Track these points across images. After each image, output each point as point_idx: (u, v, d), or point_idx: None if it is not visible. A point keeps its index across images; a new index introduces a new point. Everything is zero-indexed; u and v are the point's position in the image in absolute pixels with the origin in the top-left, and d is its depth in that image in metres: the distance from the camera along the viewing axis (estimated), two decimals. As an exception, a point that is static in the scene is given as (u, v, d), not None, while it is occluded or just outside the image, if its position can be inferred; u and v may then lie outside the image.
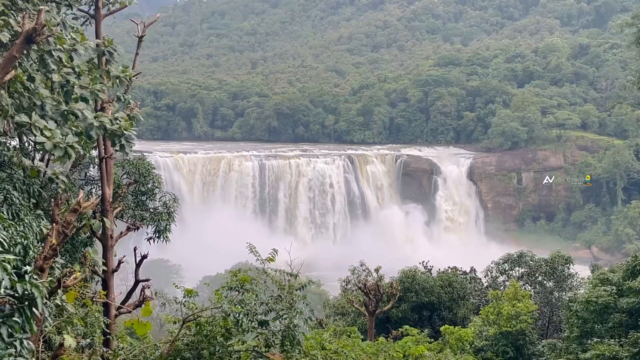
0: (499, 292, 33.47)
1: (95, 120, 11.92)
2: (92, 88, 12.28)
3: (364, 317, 33.18)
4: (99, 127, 11.93)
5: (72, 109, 11.73)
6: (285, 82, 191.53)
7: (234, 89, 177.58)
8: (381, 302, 31.49)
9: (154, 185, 21.63)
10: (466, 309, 37.65)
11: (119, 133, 12.12)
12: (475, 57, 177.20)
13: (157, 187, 21.65)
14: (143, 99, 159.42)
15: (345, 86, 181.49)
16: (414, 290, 36.66)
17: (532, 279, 38.37)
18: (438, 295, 36.84)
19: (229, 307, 13.27)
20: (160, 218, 20.92)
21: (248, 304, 13.38)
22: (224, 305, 13.35)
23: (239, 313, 13.15)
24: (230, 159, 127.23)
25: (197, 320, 13.62)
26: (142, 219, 20.51)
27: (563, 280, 37.52)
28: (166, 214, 21.17)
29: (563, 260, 37.86)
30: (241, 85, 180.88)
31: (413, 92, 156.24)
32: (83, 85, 12.20)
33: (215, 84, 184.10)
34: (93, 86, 12.32)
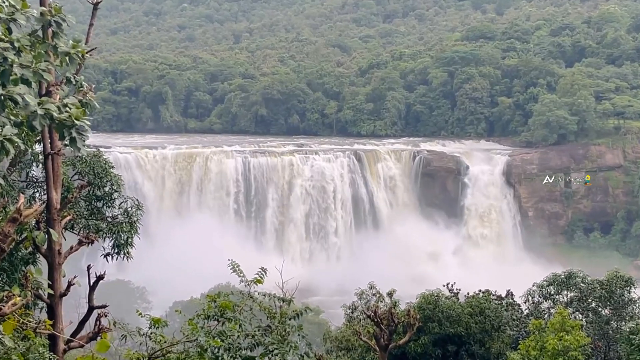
0: (543, 321, 33.44)
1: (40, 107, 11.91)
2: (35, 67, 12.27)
3: (374, 352, 33.13)
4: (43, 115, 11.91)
5: (11, 93, 11.71)
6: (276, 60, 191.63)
7: (212, 69, 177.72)
8: (395, 334, 31.44)
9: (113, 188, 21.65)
10: (502, 342, 37.59)
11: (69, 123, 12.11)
12: (512, 29, 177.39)
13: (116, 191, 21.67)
14: (99, 81, 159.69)
15: (351, 65, 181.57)
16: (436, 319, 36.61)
17: (583, 305, 38.33)
18: (467, 326, 36.78)
19: (206, 341, 13.25)
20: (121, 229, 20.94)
21: (230, 337, 13.37)
22: (200, 338, 13.33)
23: (218, 348, 13.13)
24: (208, 156, 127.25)
25: (167, 356, 13.61)
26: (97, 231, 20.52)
27: (622, 307, 37.47)
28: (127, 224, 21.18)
29: (622, 282, 37.81)
30: (221, 64, 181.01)
31: (435, 72, 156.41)
32: (24, 63, 12.18)
33: (189, 62, 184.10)
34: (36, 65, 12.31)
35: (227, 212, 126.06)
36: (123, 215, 21.48)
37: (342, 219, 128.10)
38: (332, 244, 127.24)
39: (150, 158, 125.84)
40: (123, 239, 20.97)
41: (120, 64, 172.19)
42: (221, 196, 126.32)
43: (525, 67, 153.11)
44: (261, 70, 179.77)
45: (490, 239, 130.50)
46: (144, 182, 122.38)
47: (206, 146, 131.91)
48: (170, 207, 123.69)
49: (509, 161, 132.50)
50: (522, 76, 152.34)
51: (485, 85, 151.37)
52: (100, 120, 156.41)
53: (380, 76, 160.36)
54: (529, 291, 40.21)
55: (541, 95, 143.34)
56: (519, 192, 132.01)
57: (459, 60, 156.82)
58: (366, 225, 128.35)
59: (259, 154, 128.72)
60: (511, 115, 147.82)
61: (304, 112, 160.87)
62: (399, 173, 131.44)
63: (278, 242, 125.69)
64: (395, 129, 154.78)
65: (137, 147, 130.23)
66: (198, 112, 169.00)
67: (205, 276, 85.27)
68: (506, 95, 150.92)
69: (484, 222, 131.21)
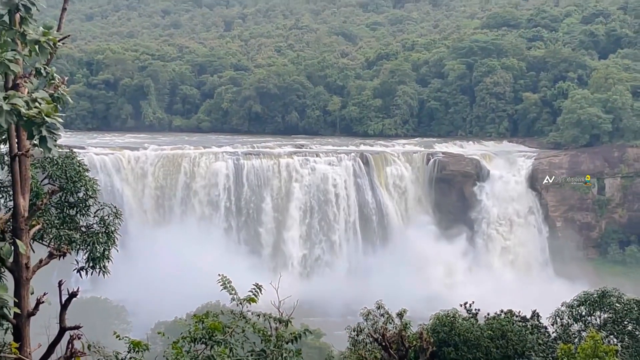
0: (573, 346, 33.40)
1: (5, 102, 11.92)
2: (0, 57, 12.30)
3: (382, 380, 33.12)
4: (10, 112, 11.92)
5: (-27, 86, 11.75)
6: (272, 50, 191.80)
7: (200, 60, 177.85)
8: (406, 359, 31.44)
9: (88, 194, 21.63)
10: (526, 369, 37.58)
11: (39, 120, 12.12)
12: (539, 15, 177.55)
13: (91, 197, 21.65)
14: (72, 73, 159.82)
15: (357, 56, 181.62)
16: (452, 343, 36.58)
17: (619, 328, 38.27)
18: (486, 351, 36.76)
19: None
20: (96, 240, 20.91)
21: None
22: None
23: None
24: (195, 158, 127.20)
25: (148, 384, 13.59)
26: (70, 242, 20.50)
27: (663, 330, 37.44)
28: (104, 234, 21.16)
29: (663, 302, 37.80)
30: (210, 54, 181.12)
31: (452, 64, 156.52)
32: (-12, 53, 12.22)
33: (174, 52, 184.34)
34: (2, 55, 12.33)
35: (217, 222, 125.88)
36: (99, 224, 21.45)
37: (346, 230, 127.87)
38: (335, 258, 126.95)
39: (130, 160, 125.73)
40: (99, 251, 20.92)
41: (96, 53, 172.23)
42: (210, 203, 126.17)
43: (554, 58, 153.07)
44: (255, 62, 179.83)
45: (513, 252, 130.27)
46: (123, 188, 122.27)
47: (193, 147, 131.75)
48: (152, 216, 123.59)
49: (534, 165, 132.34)
50: (549, 69, 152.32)
51: (508, 79, 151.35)
52: (73, 117, 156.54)
53: (390, 68, 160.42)
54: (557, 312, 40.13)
55: (571, 90, 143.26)
56: (545, 200, 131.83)
57: (479, 50, 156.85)
58: (373, 237, 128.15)
59: (253, 156, 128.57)
60: (537, 113, 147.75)
61: (304, 109, 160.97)
62: (410, 178, 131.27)
63: (274, 256, 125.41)
64: (406, 128, 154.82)
65: (116, 147, 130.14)
66: (184, 109, 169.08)
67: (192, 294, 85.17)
68: (532, 91, 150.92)
69: (506, 234, 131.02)
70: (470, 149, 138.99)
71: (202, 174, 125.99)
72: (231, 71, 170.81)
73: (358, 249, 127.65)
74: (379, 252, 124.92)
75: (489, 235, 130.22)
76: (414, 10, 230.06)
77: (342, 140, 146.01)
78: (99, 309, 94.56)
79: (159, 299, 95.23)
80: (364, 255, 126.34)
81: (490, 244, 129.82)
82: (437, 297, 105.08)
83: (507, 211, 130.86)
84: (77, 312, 17.31)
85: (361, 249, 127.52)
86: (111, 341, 17.92)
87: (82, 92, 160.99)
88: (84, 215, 21.74)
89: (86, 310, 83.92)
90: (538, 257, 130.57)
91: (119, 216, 21.91)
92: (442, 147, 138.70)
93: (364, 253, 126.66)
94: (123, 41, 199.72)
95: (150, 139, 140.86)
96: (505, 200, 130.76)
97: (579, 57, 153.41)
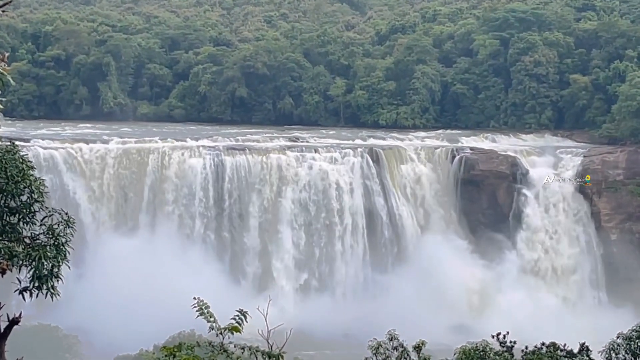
0: (630, 387, 33.47)
1: None
2: None
3: None
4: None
5: None
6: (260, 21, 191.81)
7: (172, 32, 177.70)
8: (425, 404, 31.53)
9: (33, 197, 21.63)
10: (572, 416, 37.72)
11: (-27, 106, 12.17)
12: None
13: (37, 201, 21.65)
14: (15, 48, 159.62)
15: (366, 28, 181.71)
16: (482, 382, 36.70)
17: (687, 365, 38.36)
18: (524, 393, 36.89)
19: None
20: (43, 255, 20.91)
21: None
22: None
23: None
24: (166, 153, 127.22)
25: None
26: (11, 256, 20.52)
27: None
28: (53, 247, 21.16)
29: None
30: (185, 25, 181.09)
31: (483, 39, 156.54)
32: None
33: (140, 23, 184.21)
34: None
35: (192, 232, 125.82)
36: (47, 234, 21.45)
37: (351, 244, 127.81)
38: (337, 278, 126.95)
39: (86, 156, 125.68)
40: (46, 268, 20.90)
41: (44, 24, 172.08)
42: (184, 210, 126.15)
43: (609, 32, 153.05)
44: (240, 35, 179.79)
45: (556, 272, 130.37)
46: (77, 189, 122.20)
47: (163, 139, 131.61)
48: (112, 224, 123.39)
49: (584, 163, 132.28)
50: (603, 45, 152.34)
51: (552, 58, 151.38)
52: (15, 103, 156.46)
53: (406, 44, 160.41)
54: (612, 345, 40.08)
55: (630, 72, 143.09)
56: (597, 207, 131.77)
57: (516, 22, 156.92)
58: (384, 252, 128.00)
59: (237, 152, 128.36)
60: (588, 99, 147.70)
61: (300, 94, 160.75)
62: (430, 179, 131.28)
63: (262, 275, 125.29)
64: (426, 118, 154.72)
65: (67, 140, 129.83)
66: (152, 93, 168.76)
67: (161, 321, 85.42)
68: (581, 72, 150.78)
69: (549, 249, 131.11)
70: (505, 144, 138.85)
71: (174, 173, 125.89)
72: (210, 47, 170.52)
73: (365, 267, 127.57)
74: (391, 270, 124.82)
75: (528, 251, 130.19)
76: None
77: (346, 133, 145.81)
78: (46, 339, 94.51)
79: (121, 327, 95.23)
80: (373, 274, 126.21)
81: (529, 262, 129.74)
82: (463, 326, 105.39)
83: (549, 221, 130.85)
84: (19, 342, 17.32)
85: (369, 266, 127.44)
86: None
87: (27, 71, 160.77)
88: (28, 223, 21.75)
89: (31, 339, 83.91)
90: (587, 278, 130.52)
91: (71, 225, 21.90)
92: (470, 141, 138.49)
93: (373, 272, 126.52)
94: (77, 9, 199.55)
95: (111, 130, 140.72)
96: (548, 207, 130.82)
97: (639, 31, 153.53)
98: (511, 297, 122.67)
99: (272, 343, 15.05)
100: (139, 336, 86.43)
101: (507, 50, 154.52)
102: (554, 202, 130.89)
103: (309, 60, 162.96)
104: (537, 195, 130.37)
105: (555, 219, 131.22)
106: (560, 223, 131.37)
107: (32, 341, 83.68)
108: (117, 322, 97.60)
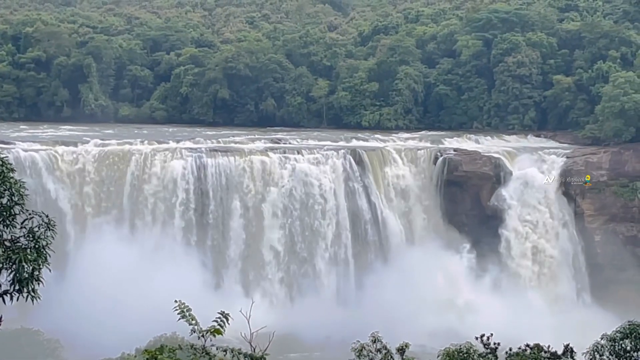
0: (615, 388, 33.48)
1: None
2: None
3: None
4: None
5: None
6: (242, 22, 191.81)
7: (153, 34, 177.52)
8: (409, 406, 31.46)
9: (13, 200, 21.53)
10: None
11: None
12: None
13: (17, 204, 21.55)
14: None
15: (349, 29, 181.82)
16: (466, 384, 36.67)
17: (671, 366, 38.43)
18: (508, 394, 36.88)
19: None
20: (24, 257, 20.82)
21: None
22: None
23: None
24: (147, 155, 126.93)
25: None
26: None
27: None
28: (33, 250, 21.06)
29: None
30: (166, 26, 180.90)
31: (466, 40, 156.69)
32: None
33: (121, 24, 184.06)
34: None
35: (174, 235, 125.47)
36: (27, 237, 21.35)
37: (334, 246, 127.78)
38: (321, 280, 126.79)
39: (66, 158, 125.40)
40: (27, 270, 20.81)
41: (24, 25, 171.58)
42: (165, 212, 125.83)
43: (591, 33, 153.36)
44: (222, 36, 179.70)
45: (541, 273, 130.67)
46: (58, 192, 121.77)
47: (145, 142, 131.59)
48: (93, 227, 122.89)
49: (567, 164, 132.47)
50: (586, 46, 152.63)
51: (535, 59, 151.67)
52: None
53: (389, 45, 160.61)
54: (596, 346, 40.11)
55: (613, 72, 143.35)
56: (581, 208, 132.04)
57: (499, 23, 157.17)
58: (368, 255, 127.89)
59: (219, 153, 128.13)
60: (571, 100, 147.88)
61: (282, 95, 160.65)
62: (414, 181, 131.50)
63: (244, 277, 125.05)
64: (409, 119, 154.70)
65: (48, 142, 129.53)
66: (133, 94, 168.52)
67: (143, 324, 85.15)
68: (564, 73, 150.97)
69: (532, 250, 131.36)
70: (488, 145, 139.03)
71: (156, 175, 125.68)
72: (192, 48, 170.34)
73: (349, 270, 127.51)
74: (374, 273, 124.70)
75: (511, 252, 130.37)
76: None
77: (329, 134, 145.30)
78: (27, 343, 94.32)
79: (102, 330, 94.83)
80: (356, 277, 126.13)
81: (513, 263, 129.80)
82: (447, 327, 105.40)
83: (533, 222, 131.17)
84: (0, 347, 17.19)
85: (353, 269, 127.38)
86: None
87: (7, 73, 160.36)
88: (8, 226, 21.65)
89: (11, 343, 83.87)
90: (572, 279, 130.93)
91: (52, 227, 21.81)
92: (453, 142, 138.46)
93: (357, 274, 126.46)
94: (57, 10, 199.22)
95: (92, 132, 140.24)
96: (532, 208, 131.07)
97: (622, 32, 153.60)
98: (495, 299, 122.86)
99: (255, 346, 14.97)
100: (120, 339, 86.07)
101: (490, 51, 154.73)
102: (538, 204, 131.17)
103: (291, 62, 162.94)
104: (520, 197, 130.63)
105: (539, 220, 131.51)
106: (543, 224, 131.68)
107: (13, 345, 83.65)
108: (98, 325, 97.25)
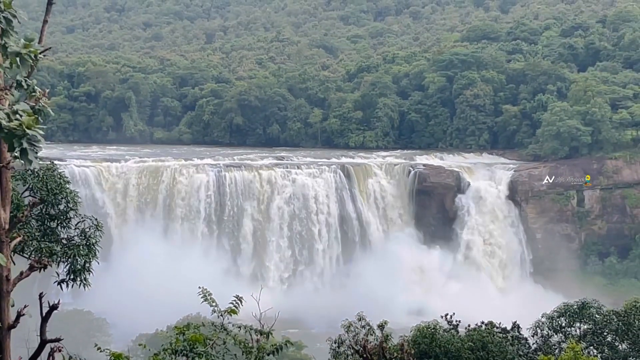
0: (553, 357, 33.48)
1: (-14, 114, 11.89)
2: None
3: (363, 392, 33.04)
4: (-9, 124, 11.89)
5: (-46, 98, 11.70)
6: (253, 63, 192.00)
7: (181, 72, 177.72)
8: (387, 372, 31.36)
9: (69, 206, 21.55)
10: (507, 380, 37.64)
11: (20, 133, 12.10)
12: (518, 28, 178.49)
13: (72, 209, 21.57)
14: (54, 85, 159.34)
15: (338, 68, 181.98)
16: (433, 354, 36.61)
17: (598, 339, 38.42)
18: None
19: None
20: (77, 253, 20.82)
21: (200, 374, 13.33)
22: (167, 376, 13.30)
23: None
24: (176, 170, 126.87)
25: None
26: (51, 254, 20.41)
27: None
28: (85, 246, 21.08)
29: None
30: (191, 66, 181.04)
31: (432, 77, 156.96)
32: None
33: (155, 64, 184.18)
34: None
35: (198, 234, 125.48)
36: (80, 236, 21.36)
37: (327, 242, 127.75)
38: (317, 269, 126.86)
39: (112, 172, 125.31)
40: (80, 263, 20.82)
41: (77, 65, 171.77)
42: (191, 215, 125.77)
43: (533, 71, 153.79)
44: (237, 74, 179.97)
45: (493, 264, 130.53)
46: (104, 200, 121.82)
47: (174, 159, 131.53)
48: (133, 228, 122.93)
49: (514, 177, 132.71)
50: (529, 81, 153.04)
51: (488, 92, 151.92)
52: (54, 130, 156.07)
53: (371, 81, 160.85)
54: (537, 323, 40.23)
55: (551, 102, 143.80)
56: (525, 212, 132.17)
57: (459, 63, 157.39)
58: (355, 249, 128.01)
59: (234, 168, 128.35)
60: (517, 125, 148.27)
61: (285, 121, 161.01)
62: (391, 190, 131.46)
63: (255, 268, 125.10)
64: (387, 140, 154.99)
65: (97, 159, 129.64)
66: (165, 121, 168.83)
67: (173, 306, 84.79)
68: (511, 103, 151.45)
69: (487, 246, 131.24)
70: (451, 161, 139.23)
71: (184, 185, 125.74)
72: (212, 83, 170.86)
73: (339, 261, 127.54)
74: (360, 264, 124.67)
75: (469, 247, 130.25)
76: (394, 23, 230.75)
77: (323, 153, 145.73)
78: (80, 321, 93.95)
79: (140, 311, 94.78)
80: (345, 267, 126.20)
81: (471, 256, 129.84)
82: (418, 308, 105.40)
83: (487, 223, 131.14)
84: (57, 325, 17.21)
85: (342, 260, 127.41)
86: (92, 353, 17.82)
87: (63, 104, 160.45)
88: (65, 227, 21.66)
89: (67, 322, 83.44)
90: (518, 269, 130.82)
91: (100, 228, 21.84)
92: (422, 159, 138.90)
93: (345, 265, 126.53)
94: (104, 53, 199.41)
95: (132, 151, 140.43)
96: (485, 212, 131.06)
97: (558, 70, 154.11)
98: (456, 285, 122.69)
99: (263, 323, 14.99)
100: (155, 318, 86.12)
101: (452, 85, 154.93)
102: (490, 208, 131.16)
103: (292, 94, 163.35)
104: (476, 203, 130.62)
105: (491, 222, 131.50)
106: (496, 225, 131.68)
107: (68, 323, 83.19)
108: (137, 307, 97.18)
